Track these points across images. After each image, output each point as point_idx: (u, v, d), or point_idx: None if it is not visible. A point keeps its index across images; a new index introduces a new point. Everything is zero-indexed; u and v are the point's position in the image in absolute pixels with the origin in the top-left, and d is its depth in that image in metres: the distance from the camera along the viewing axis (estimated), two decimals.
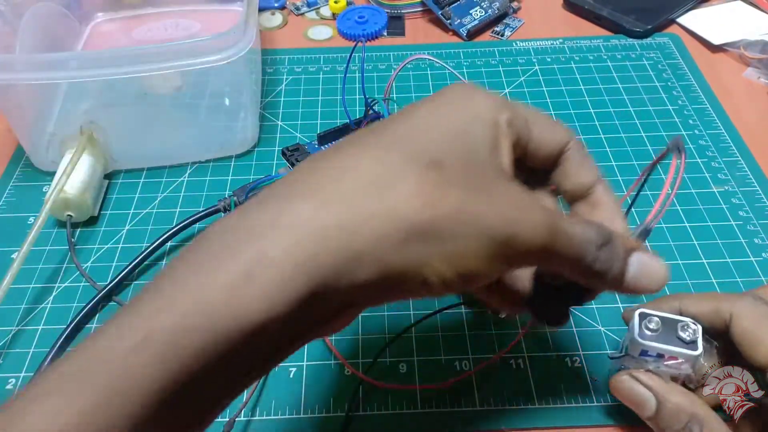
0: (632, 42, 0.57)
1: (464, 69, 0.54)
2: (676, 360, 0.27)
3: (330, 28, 0.59)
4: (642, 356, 0.27)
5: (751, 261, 0.39)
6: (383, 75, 0.54)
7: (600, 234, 0.21)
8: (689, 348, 0.27)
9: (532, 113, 0.24)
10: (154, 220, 0.42)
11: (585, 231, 0.21)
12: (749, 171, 0.45)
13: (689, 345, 0.27)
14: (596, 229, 0.21)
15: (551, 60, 0.55)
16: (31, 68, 0.38)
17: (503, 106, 0.23)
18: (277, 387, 0.33)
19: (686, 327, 0.27)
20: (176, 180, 0.45)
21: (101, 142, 0.43)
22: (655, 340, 0.27)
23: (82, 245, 0.41)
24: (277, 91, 0.52)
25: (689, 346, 0.27)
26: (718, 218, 0.41)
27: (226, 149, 0.46)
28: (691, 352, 0.26)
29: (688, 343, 0.27)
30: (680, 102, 0.50)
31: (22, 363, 0.35)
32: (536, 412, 0.32)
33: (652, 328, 0.27)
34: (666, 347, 0.27)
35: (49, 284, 0.38)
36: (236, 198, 0.40)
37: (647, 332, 0.27)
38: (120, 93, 0.47)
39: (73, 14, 0.54)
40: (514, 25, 0.59)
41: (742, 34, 0.55)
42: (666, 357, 0.27)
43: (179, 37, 0.55)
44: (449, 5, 0.58)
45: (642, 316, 0.27)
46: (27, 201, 0.43)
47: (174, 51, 0.38)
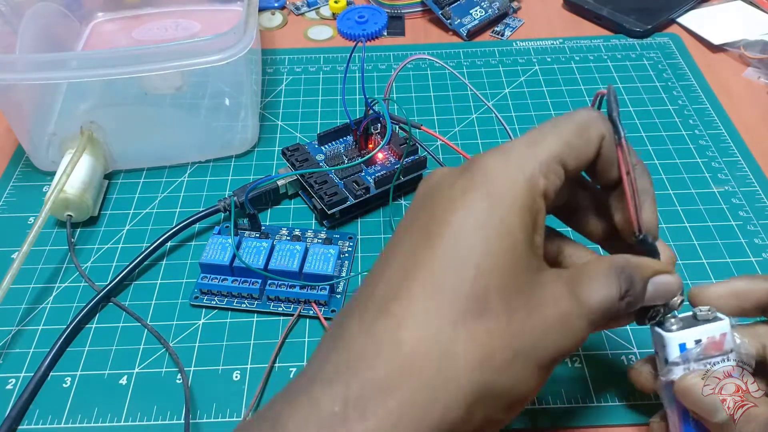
0: (632, 42, 0.57)
1: (464, 69, 0.54)
2: (718, 346, 0.26)
3: (330, 28, 0.59)
4: (684, 353, 0.26)
5: (751, 261, 0.39)
6: (383, 75, 0.54)
7: (620, 285, 0.23)
8: (716, 321, 0.26)
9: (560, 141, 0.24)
10: (154, 220, 0.42)
11: (609, 293, 0.23)
12: (749, 171, 0.45)
13: (714, 320, 0.26)
14: (617, 283, 0.23)
15: (551, 60, 0.55)
16: (31, 68, 0.38)
17: (534, 171, 0.23)
18: (277, 387, 0.33)
19: (700, 310, 0.26)
20: (176, 180, 0.45)
21: (101, 142, 0.43)
22: (682, 329, 0.26)
23: (82, 245, 0.41)
24: (277, 91, 0.52)
25: (714, 320, 0.26)
26: (718, 218, 0.41)
27: (226, 149, 0.46)
28: (721, 322, 0.26)
29: (711, 320, 0.26)
30: (680, 102, 0.50)
31: (22, 363, 0.35)
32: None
33: (674, 322, 0.26)
34: (698, 328, 0.26)
35: (49, 284, 0.38)
36: (236, 198, 0.40)
37: (673, 327, 0.26)
38: (120, 93, 0.47)
39: (73, 14, 0.54)
40: (514, 25, 0.59)
41: (742, 34, 0.55)
42: (705, 345, 0.26)
43: (179, 37, 0.55)
44: (449, 5, 0.58)
45: (657, 325, 0.27)
46: (27, 201, 0.43)
47: (174, 51, 0.38)
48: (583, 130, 0.24)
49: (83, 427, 0.32)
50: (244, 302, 0.37)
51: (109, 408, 0.33)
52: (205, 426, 0.32)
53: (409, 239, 0.23)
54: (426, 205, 0.23)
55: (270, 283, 0.36)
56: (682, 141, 0.47)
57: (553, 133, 0.24)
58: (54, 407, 0.33)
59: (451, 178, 0.23)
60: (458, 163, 0.44)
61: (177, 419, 0.32)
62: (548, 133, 0.24)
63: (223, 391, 0.33)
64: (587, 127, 0.24)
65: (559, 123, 0.24)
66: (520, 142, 0.24)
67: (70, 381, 0.34)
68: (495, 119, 0.49)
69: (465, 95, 0.52)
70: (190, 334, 0.36)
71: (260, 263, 0.36)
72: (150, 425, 0.32)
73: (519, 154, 0.23)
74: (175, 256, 0.40)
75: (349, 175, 0.41)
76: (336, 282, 0.37)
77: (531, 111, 0.50)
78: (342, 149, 0.43)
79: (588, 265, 0.24)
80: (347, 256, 0.39)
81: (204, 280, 0.37)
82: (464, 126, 0.49)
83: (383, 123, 0.42)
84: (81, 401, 0.33)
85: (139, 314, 0.37)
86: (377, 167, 0.41)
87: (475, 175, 0.23)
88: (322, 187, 0.40)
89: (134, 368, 0.34)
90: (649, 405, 0.32)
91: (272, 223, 0.42)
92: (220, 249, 0.36)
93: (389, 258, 0.23)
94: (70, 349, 0.35)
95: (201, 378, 0.34)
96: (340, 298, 0.37)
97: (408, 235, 0.23)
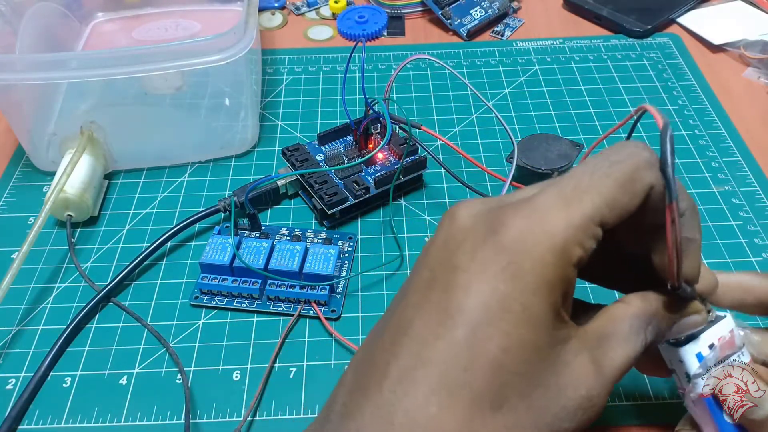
0: (632, 42, 0.57)
1: (464, 69, 0.54)
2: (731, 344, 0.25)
3: (330, 28, 0.59)
4: (703, 362, 0.25)
5: (751, 261, 0.39)
6: (383, 75, 0.54)
7: (646, 338, 0.22)
8: (719, 320, 0.25)
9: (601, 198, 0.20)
10: (154, 220, 0.42)
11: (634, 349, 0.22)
12: (749, 171, 0.45)
13: (717, 319, 0.25)
14: (643, 336, 0.22)
15: (551, 60, 0.55)
16: (31, 68, 0.38)
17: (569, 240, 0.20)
18: (277, 387, 0.33)
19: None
20: (176, 180, 0.45)
21: (101, 142, 0.43)
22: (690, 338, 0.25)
23: (82, 245, 0.41)
24: (277, 91, 0.52)
25: (717, 319, 0.25)
26: (718, 218, 0.41)
27: (226, 149, 0.46)
28: (725, 320, 0.25)
29: (715, 321, 0.25)
30: (680, 102, 0.50)
31: (22, 363, 0.35)
32: None
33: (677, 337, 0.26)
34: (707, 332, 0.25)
35: (49, 284, 0.38)
36: (236, 198, 0.40)
37: (682, 337, 0.25)
38: (120, 93, 0.47)
39: (73, 14, 0.54)
40: (514, 25, 0.59)
41: (742, 34, 0.55)
42: (720, 347, 0.25)
43: (179, 37, 0.55)
44: (449, 5, 0.58)
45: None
46: (27, 201, 0.43)
47: (174, 51, 0.38)
48: (628, 183, 0.20)
49: (83, 427, 0.32)
50: (244, 302, 0.37)
51: (109, 408, 0.33)
52: (205, 426, 0.32)
53: (421, 323, 0.20)
54: (441, 277, 0.21)
55: (270, 283, 0.36)
56: (682, 141, 0.47)
57: (593, 188, 0.20)
58: (54, 407, 0.33)
59: (475, 239, 0.21)
60: (458, 163, 0.45)
61: (177, 419, 0.32)
62: (587, 188, 0.20)
63: (223, 391, 0.33)
64: (633, 180, 0.20)
65: (600, 173, 0.21)
66: (553, 199, 0.21)
67: (70, 381, 0.34)
68: (495, 119, 0.49)
69: (465, 95, 0.52)
70: (190, 334, 0.36)
71: (260, 263, 0.36)
72: (150, 425, 0.32)
73: (552, 219, 0.20)
74: (175, 256, 0.40)
75: (349, 175, 0.41)
76: (336, 282, 0.37)
77: (531, 111, 0.50)
78: (342, 149, 0.43)
79: (614, 322, 0.22)
80: (347, 256, 0.39)
81: (204, 280, 0.37)
82: (464, 126, 0.49)
83: (383, 123, 0.42)
84: (81, 401, 0.33)
85: (139, 314, 0.37)
86: (377, 167, 0.41)
87: (499, 244, 0.20)
88: (322, 187, 0.40)
89: (134, 368, 0.34)
90: (654, 405, 0.32)
91: (272, 223, 0.42)
92: (220, 249, 0.36)
93: (397, 343, 0.21)
94: (70, 349, 0.35)
95: (201, 378, 0.34)
96: (340, 298, 0.37)
97: (419, 317, 0.21)
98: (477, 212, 0.22)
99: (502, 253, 0.20)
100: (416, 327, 0.20)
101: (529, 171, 0.41)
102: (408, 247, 0.40)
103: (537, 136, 0.43)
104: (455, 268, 0.21)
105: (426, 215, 0.42)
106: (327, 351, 0.35)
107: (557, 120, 0.49)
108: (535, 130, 0.48)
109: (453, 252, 0.21)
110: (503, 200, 0.22)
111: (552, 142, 0.43)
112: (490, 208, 0.22)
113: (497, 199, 0.23)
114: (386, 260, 0.39)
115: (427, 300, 0.21)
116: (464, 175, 0.44)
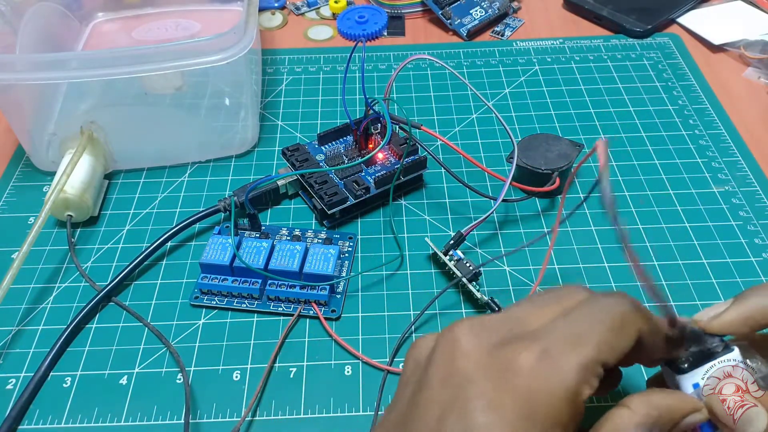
0: (632, 42, 0.57)
1: (464, 69, 0.54)
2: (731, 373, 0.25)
3: (330, 28, 0.59)
4: (698, 390, 0.25)
5: (751, 261, 0.39)
6: (383, 75, 0.54)
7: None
8: (725, 353, 0.25)
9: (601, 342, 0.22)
10: (154, 220, 0.42)
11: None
12: (749, 171, 0.45)
13: (724, 351, 0.25)
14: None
15: (551, 60, 0.55)
16: (31, 68, 0.38)
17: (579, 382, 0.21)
18: (277, 387, 0.34)
19: (711, 342, 0.25)
20: (176, 180, 0.45)
21: (101, 142, 0.43)
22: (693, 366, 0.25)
23: (82, 245, 0.41)
24: (277, 91, 0.52)
25: (724, 351, 0.25)
26: (718, 218, 0.41)
27: (226, 149, 0.46)
28: (732, 353, 0.25)
29: (721, 352, 0.25)
30: (680, 102, 0.50)
31: (22, 363, 0.35)
32: None
33: (684, 359, 0.25)
34: (710, 364, 0.25)
35: (49, 284, 0.38)
36: (236, 198, 0.40)
37: (685, 365, 0.25)
38: (120, 93, 0.47)
39: (73, 14, 0.54)
40: (514, 25, 0.59)
41: (742, 34, 0.55)
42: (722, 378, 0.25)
43: (179, 37, 0.55)
44: (449, 5, 0.58)
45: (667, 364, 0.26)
46: (27, 201, 0.43)
47: (174, 51, 0.38)
48: (621, 328, 0.22)
49: (83, 427, 0.32)
50: (244, 302, 0.37)
51: (110, 408, 0.33)
52: (205, 426, 0.32)
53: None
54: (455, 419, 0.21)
55: (270, 283, 0.36)
56: (682, 141, 0.47)
57: (594, 331, 0.22)
58: (54, 407, 0.33)
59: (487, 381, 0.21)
60: (458, 163, 0.45)
61: (177, 419, 0.32)
62: (588, 331, 0.22)
63: (223, 390, 0.33)
64: (624, 325, 0.22)
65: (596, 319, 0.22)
66: (560, 340, 0.22)
67: (70, 381, 0.34)
68: (495, 119, 0.49)
69: (465, 95, 0.52)
70: (190, 333, 0.36)
71: (260, 263, 0.36)
72: (150, 425, 0.32)
73: (564, 365, 0.21)
74: (175, 256, 0.40)
75: (349, 175, 0.41)
76: (336, 282, 0.37)
77: (531, 111, 0.50)
78: (342, 149, 0.43)
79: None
80: (347, 256, 0.39)
81: (204, 280, 0.37)
82: (464, 126, 0.49)
83: (383, 123, 0.42)
84: (81, 401, 0.33)
85: (140, 314, 0.37)
86: (377, 167, 0.41)
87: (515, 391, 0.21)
88: (322, 187, 0.40)
89: (134, 368, 0.34)
90: None
91: (272, 223, 0.42)
92: (220, 249, 0.36)
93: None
94: (70, 349, 0.35)
95: (201, 378, 0.34)
96: (340, 298, 0.37)
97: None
98: (483, 345, 0.22)
99: (517, 400, 0.20)
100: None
101: (529, 171, 0.41)
102: (408, 247, 0.40)
103: (537, 136, 0.43)
104: (472, 411, 0.21)
105: (426, 215, 0.42)
106: (327, 351, 0.35)
107: (557, 120, 0.49)
108: (535, 130, 0.48)
109: (463, 389, 0.21)
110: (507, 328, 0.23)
111: (552, 142, 0.43)
112: (496, 343, 0.22)
113: (499, 324, 0.23)
114: (386, 260, 0.39)
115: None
116: (464, 175, 0.44)
